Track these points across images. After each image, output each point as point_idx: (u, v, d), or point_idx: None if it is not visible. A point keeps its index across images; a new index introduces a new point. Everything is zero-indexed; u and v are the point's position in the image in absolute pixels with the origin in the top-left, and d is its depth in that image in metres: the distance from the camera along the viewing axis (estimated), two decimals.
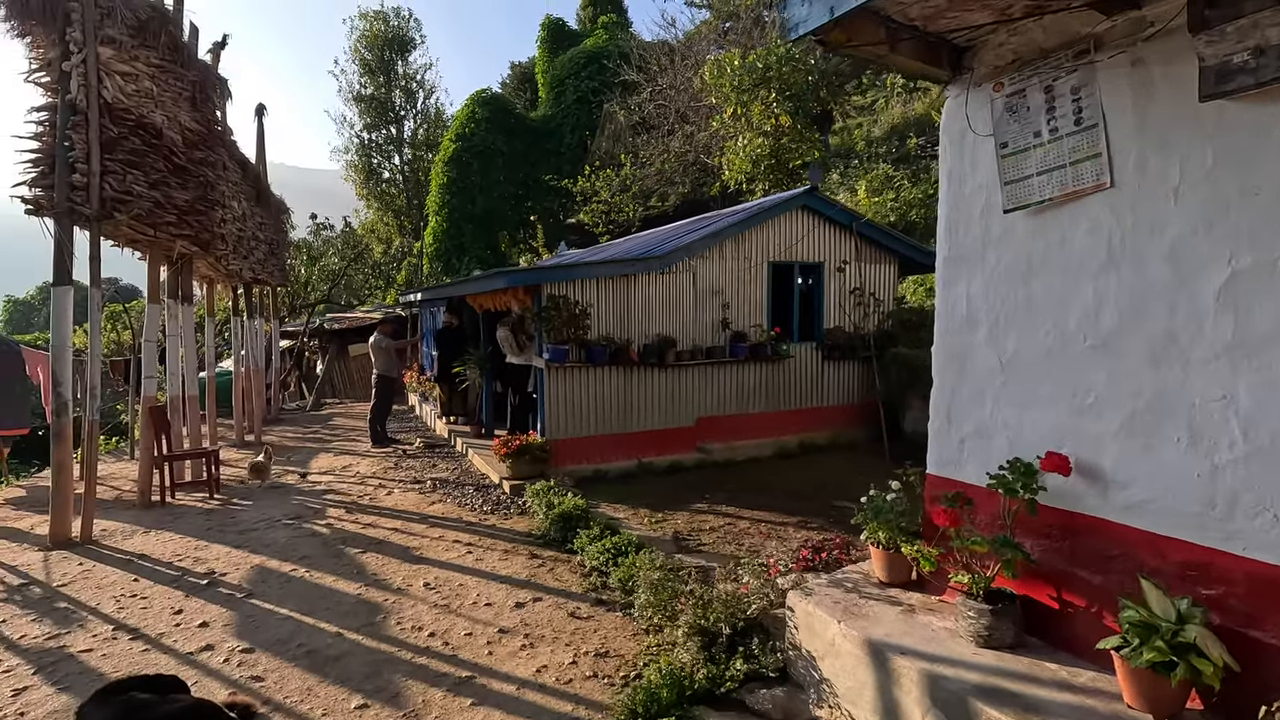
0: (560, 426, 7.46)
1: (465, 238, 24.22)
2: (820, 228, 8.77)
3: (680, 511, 6.31)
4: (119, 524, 6.51)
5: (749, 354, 8.22)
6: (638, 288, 7.73)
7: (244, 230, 10.16)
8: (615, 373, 7.66)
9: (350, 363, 17.25)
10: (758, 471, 7.75)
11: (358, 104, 30.99)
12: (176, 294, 8.37)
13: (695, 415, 8.16)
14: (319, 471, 8.96)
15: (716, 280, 8.20)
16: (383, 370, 10.57)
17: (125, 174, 6.23)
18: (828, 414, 8.97)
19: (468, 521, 6.35)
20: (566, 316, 7.15)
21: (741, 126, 15.99)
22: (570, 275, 7.20)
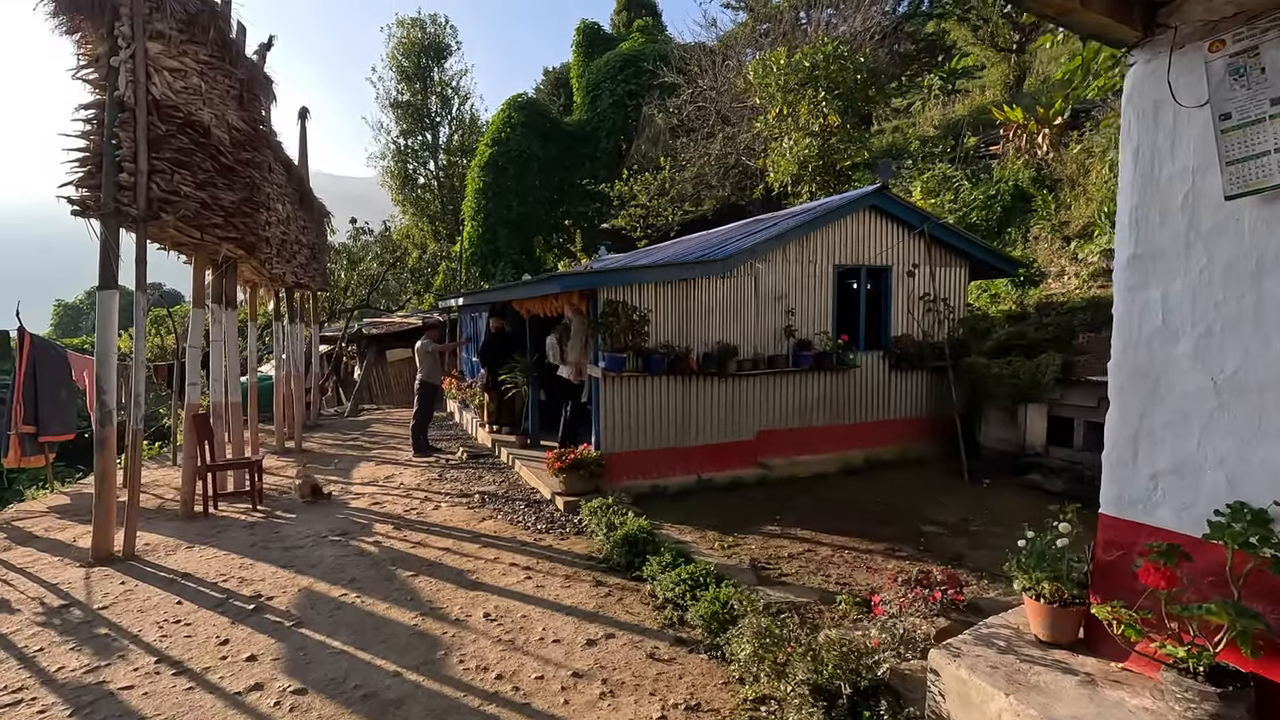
0: (616, 439, 7.02)
1: (500, 242, 24.03)
2: (888, 229, 8.22)
3: (752, 535, 5.81)
4: (162, 537, 6.22)
5: (813, 363, 7.70)
6: (696, 292, 7.27)
7: (287, 233, 9.94)
8: (673, 383, 7.20)
9: (388, 368, 17.06)
10: (825, 490, 7.21)
11: (394, 110, 31.14)
12: (220, 298, 8.12)
13: (756, 428, 7.66)
14: (362, 482, 8.64)
15: (779, 284, 7.70)
16: (426, 376, 10.28)
17: (173, 173, 5.96)
18: (895, 428, 8.39)
19: (522, 541, 5.93)
20: (625, 323, 6.71)
21: (787, 127, 15.48)
22: (627, 279, 6.77)
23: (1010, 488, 7.04)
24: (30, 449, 8.48)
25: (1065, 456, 6.98)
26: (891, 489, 7.21)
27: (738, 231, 8.96)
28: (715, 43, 23.62)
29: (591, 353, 6.97)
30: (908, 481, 7.47)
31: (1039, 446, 7.26)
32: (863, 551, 5.36)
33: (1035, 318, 9.64)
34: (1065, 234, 10.70)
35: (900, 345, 8.27)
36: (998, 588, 4.61)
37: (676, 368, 7.05)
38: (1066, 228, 10.75)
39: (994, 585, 4.65)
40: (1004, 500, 6.66)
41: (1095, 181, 10.76)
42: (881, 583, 4.70)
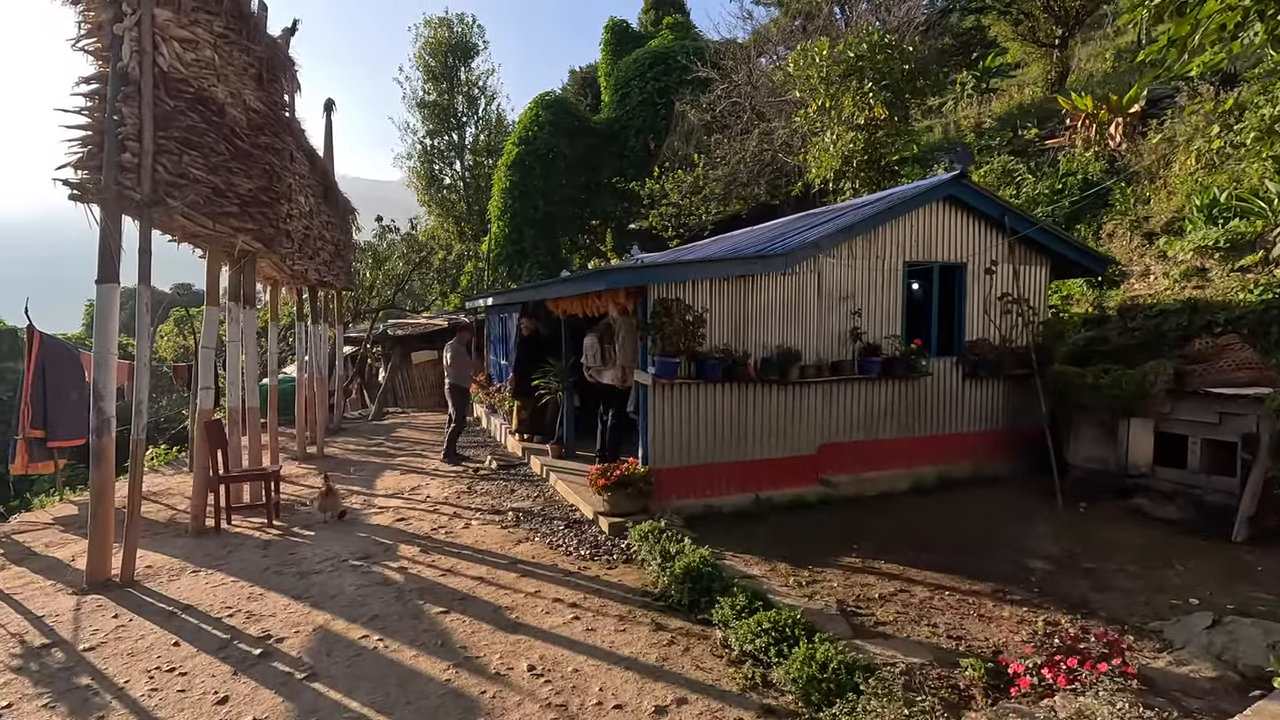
0: (666, 453, 6.27)
1: (526, 243, 23.46)
2: (963, 222, 7.39)
3: (830, 569, 5.02)
4: (166, 558, 5.60)
5: (881, 370, 6.89)
6: (754, 291, 6.51)
7: (310, 228, 9.36)
8: (729, 391, 6.44)
9: (413, 370, 16.50)
10: (899, 512, 6.40)
11: (421, 110, 30.78)
12: (238, 296, 7.53)
13: (817, 441, 6.87)
14: (385, 493, 7.99)
15: (845, 283, 6.91)
16: (456, 379, 9.67)
17: (181, 154, 5.34)
18: (968, 442, 7.54)
19: (565, 570, 5.21)
20: (678, 324, 5.97)
21: (829, 120, 14.65)
22: (683, 275, 6.03)
23: (1111, 514, 6.17)
24: (38, 454, 7.96)
25: (1177, 479, 6.10)
26: (974, 512, 6.37)
27: (795, 225, 8.18)
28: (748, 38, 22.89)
29: (640, 357, 6.24)
30: (990, 503, 6.62)
31: (1143, 467, 6.38)
32: (966, 593, 4.55)
33: (1117, 321, 8.73)
34: (1146, 230, 9.76)
35: (975, 351, 7.42)
36: (1150, 647, 3.78)
37: (733, 374, 6.29)
38: (1146, 223, 9.82)
39: (1142, 643, 3.82)
40: (1109, 529, 5.80)
41: (1179, 173, 9.81)
42: (1003, 636, 3.90)
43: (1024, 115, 15.37)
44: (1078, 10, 18.73)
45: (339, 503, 6.81)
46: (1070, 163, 11.22)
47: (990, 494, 6.92)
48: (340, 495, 7.07)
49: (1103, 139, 11.16)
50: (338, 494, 6.88)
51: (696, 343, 6.08)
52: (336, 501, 6.75)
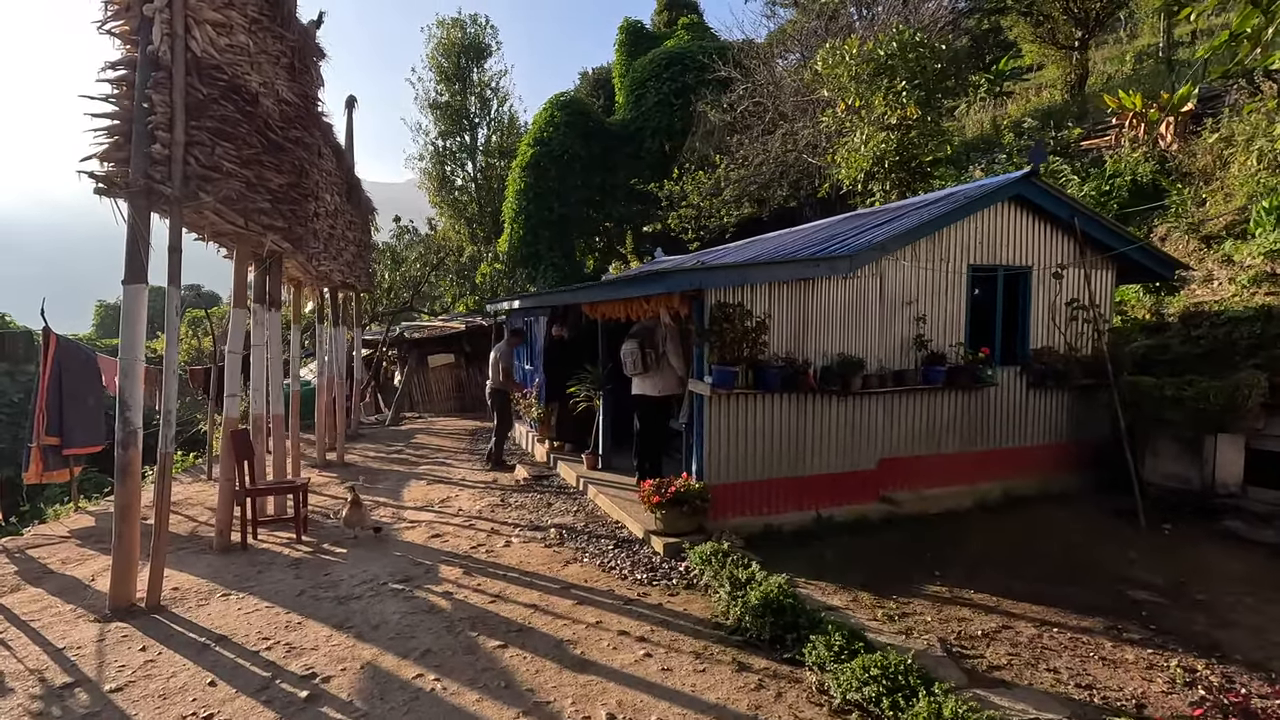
0: (722, 468, 5.87)
1: (541, 245, 23.09)
2: (1029, 223, 6.98)
3: (916, 599, 4.60)
4: (194, 579, 5.21)
5: (946, 380, 6.47)
6: (813, 296, 6.10)
7: (335, 228, 8.99)
8: (788, 402, 6.03)
9: (429, 374, 16.13)
10: (970, 533, 5.97)
11: (433, 111, 30.48)
12: (263, 298, 7.16)
13: (878, 455, 6.45)
14: (415, 506, 7.60)
15: (908, 287, 6.50)
16: (500, 385, 9.36)
17: (214, 146, 4.96)
18: (1032, 456, 7.11)
19: (623, 597, 4.80)
20: (739, 331, 5.57)
21: (858, 120, 14.26)
22: (744, 278, 5.62)
23: (1201, 537, 5.74)
24: (54, 462, 7.58)
25: (1274, 500, 5.67)
26: (1052, 534, 5.94)
27: (849, 226, 7.77)
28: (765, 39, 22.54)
29: (695, 365, 5.83)
30: (1066, 523, 6.20)
31: (1233, 486, 5.95)
32: (1076, 630, 4.12)
33: (1179, 329, 8.30)
34: (1204, 234, 9.34)
35: (1041, 359, 6.99)
36: None
37: (792, 384, 5.88)
38: (1204, 227, 9.39)
39: None
40: (1205, 554, 5.37)
41: (1238, 175, 9.38)
42: (1137, 685, 3.47)
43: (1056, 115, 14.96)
44: (1098, 12, 18.40)
45: (367, 517, 6.39)
46: (1117, 163, 10.80)
47: (1062, 512, 6.49)
48: (368, 508, 6.67)
49: (1152, 139, 10.74)
50: (365, 507, 6.45)
51: (758, 351, 5.67)
52: (364, 515, 6.32)
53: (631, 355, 7.16)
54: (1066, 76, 19.33)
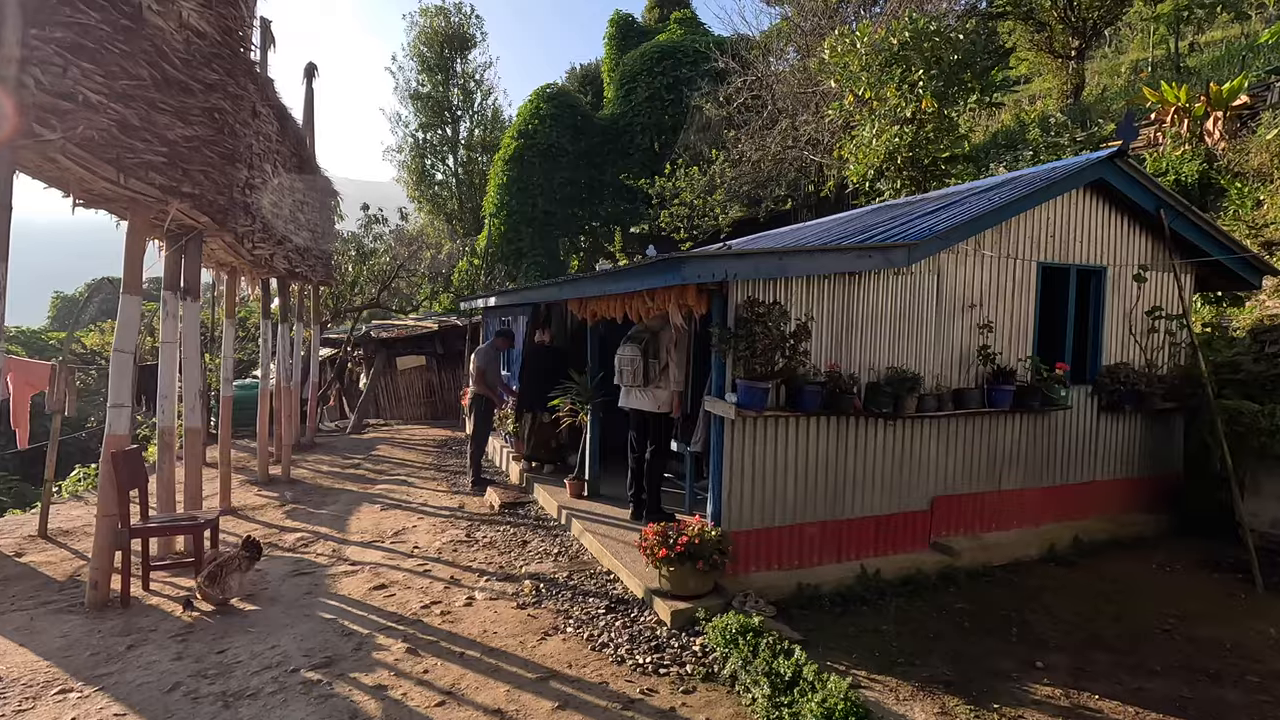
0: (746, 510, 4.58)
1: (524, 242, 21.72)
2: (1106, 215, 5.82)
3: (1025, 708, 3.33)
4: (33, 660, 3.78)
5: (1013, 402, 5.25)
6: (858, 296, 4.86)
7: (280, 206, 7.57)
8: (828, 426, 4.77)
9: (398, 377, 14.65)
10: (1054, 596, 4.74)
11: (414, 102, 28.98)
12: (176, 285, 5.75)
13: (930, 493, 5.22)
14: (361, 539, 6.21)
15: (970, 288, 5.28)
16: (483, 390, 8.02)
17: (68, 67, 3.57)
18: (1101, 493, 5.93)
19: (623, 696, 3.47)
20: (774, 336, 4.28)
21: (867, 113, 13.15)
22: (781, 269, 4.33)
23: None
24: None
25: None
26: (1153, 598, 4.73)
27: (891, 215, 6.54)
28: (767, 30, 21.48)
29: (714, 379, 4.53)
30: (1164, 584, 4.99)
31: None
32: None
33: (1249, 345, 7.21)
34: (1264, 239, 8.29)
35: (1115, 377, 5.82)
36: None
37: (835, 405, 4.62)
38: (1264, 230, 8.35)
39: None
40: None
41: None
42: None
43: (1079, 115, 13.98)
44: (1095, 21, 17.70)
45: (231, 586, 4.54)
46: (1159, 162, 9.75)
47: (1151, 567, 5.30)
48: (245, 569, 4.65)
49: (1196, 135, 9.72)
50: (236, 568, 4.56)
51: (796, 363, 4.39)
52: (227, 585, 4.51)
53: (631, 364, 5.84)
54: (1062, 86, 18.63)
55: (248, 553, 4.65)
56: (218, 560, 4.45)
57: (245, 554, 4.63)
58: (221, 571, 4.44)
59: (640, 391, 5.92)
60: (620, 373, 5.95)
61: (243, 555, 4.60)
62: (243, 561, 4.56)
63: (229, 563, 4.49)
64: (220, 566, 4.43)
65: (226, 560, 4.49)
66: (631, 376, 5.88)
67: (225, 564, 4.47)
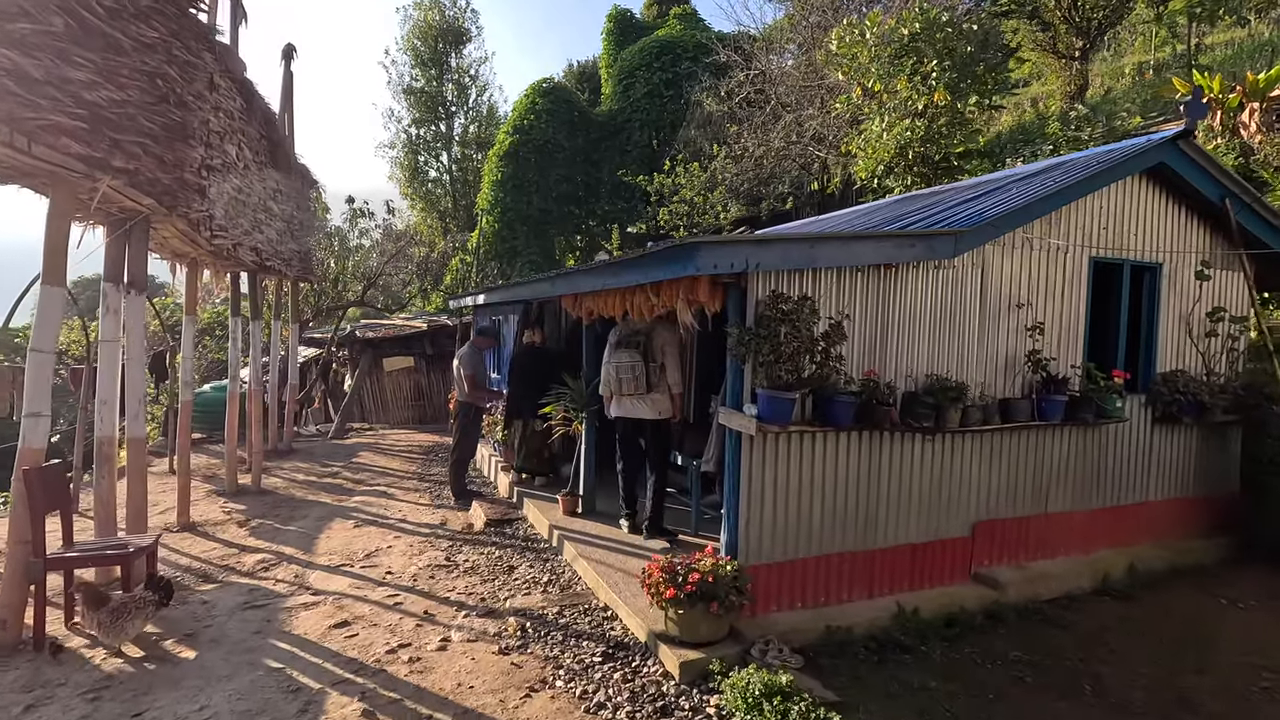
0: (766, 539, 3.92)
1: (518, 240, 21.05)
2: (1162, 205, 5.19)
3: None
4: None
5: (1065, 414, 4.61)
6: (893, 293, 4.20)
7: (247, 192, 6.88)
8: (860, 442, 4.11)
9: (384, 379, 13.94)
10: (1116, 639, 4.09)
11: (407, 97, 28.27)
12: (118, 276, 5.06)
13: (971, 517, 4.56)
14: (329, 563, 5.53)
15: (1017, 285, 4.64)
16: (471, 397, 7.32)
17: None
18: (1152, 514, 5.30)
19: None
20: (805, 339, 3.62)
21: (877, 106, 12.53)
22: (811, 259, 3.66)
23: None
24: None
25: None
26: (1235, 642, 4.09)
27: (913, 206, 5.89)
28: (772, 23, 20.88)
29: (730, 387, 3.86)
30: (1237, 622, 4.35)
31: None
32: None
33: None
34: None
35: (1172, 386, 5.18)
36: None
37: (869, 418, 3.97)
38: None
39: None
40: None
41: None
42: None
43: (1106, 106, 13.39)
44: (1100, 21, 17.22)
45: (129, 632, 3.76)
46: None
47: (1219, 601, 4.65)
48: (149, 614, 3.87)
49: (1231, 128, 9.12)
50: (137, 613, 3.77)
51: (829, 369, 3.73)
52: (122, 631, 3.73)
53: (631, 370, 5.17)
54: (1065, 87, 18.15)
55: (155, 594, 3.90)
56: (111, 605, 3.69)
57: (151, 596, 3.88)
58: (117, 617, 3.67)
59: (638, 399, 5.26)
60: (617, 381, 5.28)
61: (147, 598, 3.84)
62: (147, 605, 3.80)
63: (125, 608, 3.72)
64: (115, 612, 3.67)
65: (122, 605, 3.72)
66: (634, 385, 5.21)
67: (121, 609, 3.70)
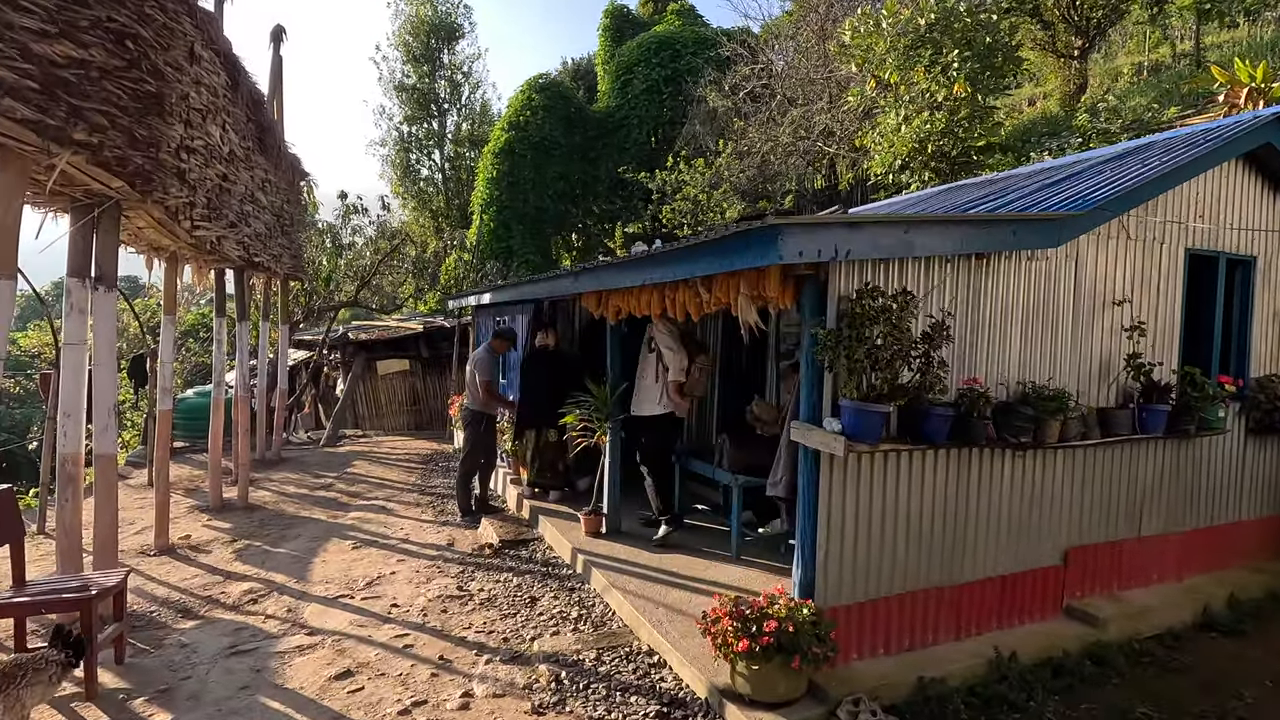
0: (847, 577, 3.32)
1: (514, 240, 20.39)
2: (1258, 193, 4.66)
3: None
4: None
5: (1167, 426, 4.06)
6: (986, 288, 3.63)
7: (232, 180, 6.21)
8: (950, 462, 3.53)
9: (379, 383, 13.24)
10: (1239, 683, 3.54)
11: (398, 94, 27.50)
12: (84, 270, 4.40)
13: (1062, 543, 4.00)
14: (324, 593, 4.87)
15: (1112, 279, 4.08)
16: (485, 405, 6.66)
17: None
18: (1248, 535, 4.78)
19: None
20: (905, 341, 3.02)
21: (894, 98, 12.04)
22: (909, 245, 3.06)
23: None
24: None
25: None
26: None
27: (986, 190, 5.32)
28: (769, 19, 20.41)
29: (805, 399, 3.25)
30: None
31: None
32: None
33: None
34: None
35: (1269, 392, 4.65)
36: None
37: (965, 433, 3.38)
38: None
39: None
40: None
41: None
42: None
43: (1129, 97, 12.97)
44: (1099, 20, 16.91)
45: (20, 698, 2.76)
46: None
47: None
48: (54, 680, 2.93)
49: None
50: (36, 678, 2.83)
51: (933, 377, 3.13)
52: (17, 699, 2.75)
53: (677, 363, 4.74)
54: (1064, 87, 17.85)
55: (61, 653, 2.99)
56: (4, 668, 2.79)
57: (56, 656, 2.96)
58: (9, 684, 2.74)
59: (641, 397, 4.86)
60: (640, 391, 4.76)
61: (49, 659, 2.91)
62: (48, 668, 2.88)
63: (14, 675, 2.76)
64: (8, 676, 2.75)
65: (12, 671, 2.77)
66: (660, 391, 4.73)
67: (9, 677, 2.75)
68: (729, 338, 6.64)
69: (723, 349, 6.57)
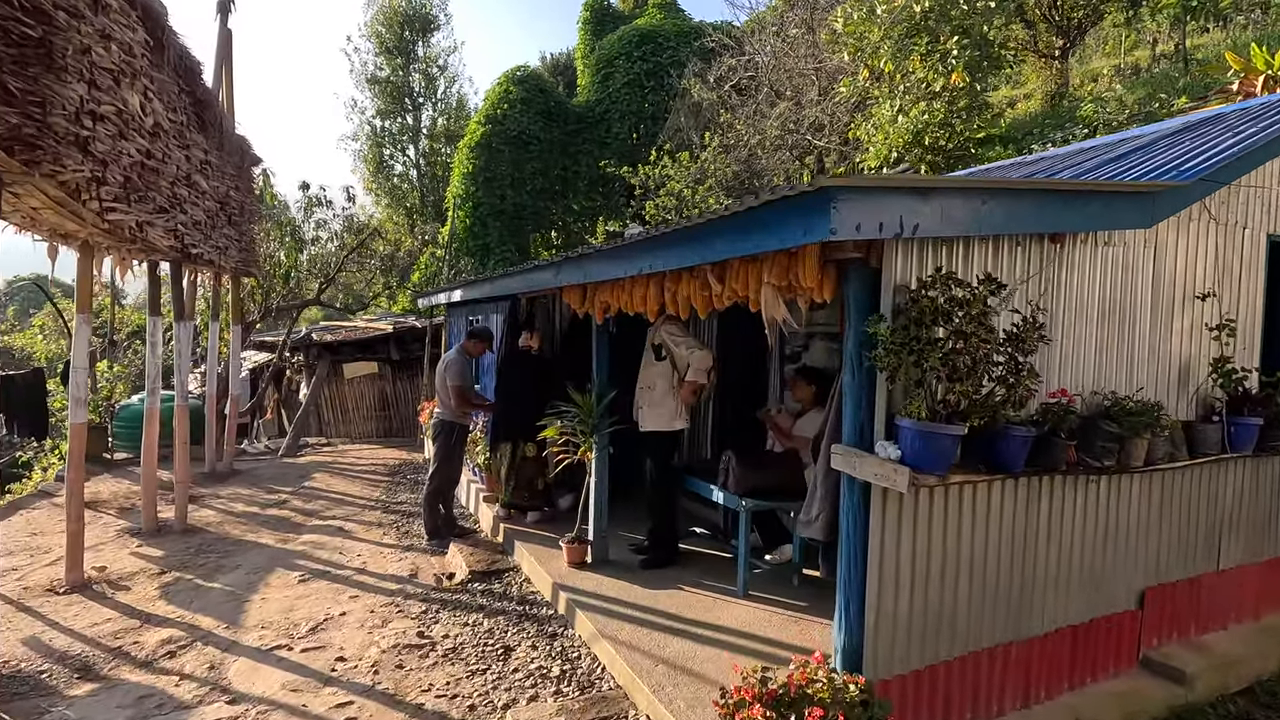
0: (901, 639, 2.62)
1: (491, 237, 19.55)
2: None
3: None
4: None
5: (1259, 441, 3.42)
6: (1060, 275, 2.95)
7: (159, 159, 5.33)
8: (1020, 492, 2.84)
9: (345, 387, 12.31)
10: None
11: (371, 87, 26.44)
12: None
13: (1137, 583, 3.34)
14: (259, 646, 4.05)
15: (1192, 269, 3.44)
16: (458, 414, 5.85)
17: None
18: None
19: None
20: (991, 340, 2.32)
21: (885, 90, 11.47)
22: (978, 221, 2.36)
23: None
24: None
25: None
26: None
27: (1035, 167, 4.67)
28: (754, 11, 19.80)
29: (850, 417, 2.55)
30: None
31: None
32: None
33: None
34: None
35: None
36: None
37: (1044, 458, 2.70)
38: None
39: None
40: None
41: None
42: None
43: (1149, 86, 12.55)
44: (1080, 20, 16.65)
45: None
46: None
47: None
48: None
49: None
50: None
51: (1025, 389, 2.43)
52: None
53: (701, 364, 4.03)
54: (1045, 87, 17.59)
55: None
56: None
57: None
58: None
59: None
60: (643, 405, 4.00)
61: None
62: None
63: None
64: None
65: None
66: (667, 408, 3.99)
67: None
68: (725, 338, 5.93)
69: (719, 351, 5.85)
